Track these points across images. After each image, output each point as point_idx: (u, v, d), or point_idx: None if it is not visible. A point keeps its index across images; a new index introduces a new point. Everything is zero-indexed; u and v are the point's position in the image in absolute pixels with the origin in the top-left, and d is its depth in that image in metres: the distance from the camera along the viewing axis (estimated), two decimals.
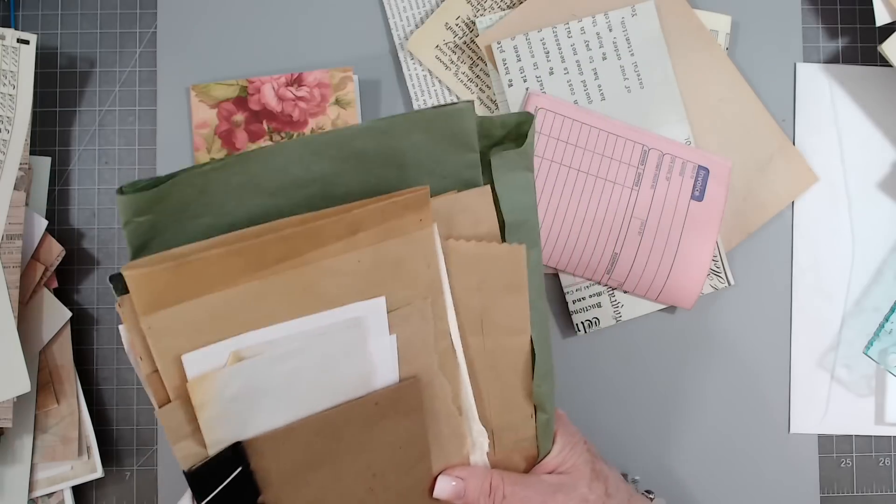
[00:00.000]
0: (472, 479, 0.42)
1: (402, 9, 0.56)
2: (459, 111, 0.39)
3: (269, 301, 0.36)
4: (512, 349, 0.41)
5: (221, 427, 0.37)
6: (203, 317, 0.35)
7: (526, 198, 0.41)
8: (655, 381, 0.56)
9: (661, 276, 0.52)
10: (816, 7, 0.57)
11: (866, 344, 0.53)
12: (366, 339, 0.38)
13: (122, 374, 0.55)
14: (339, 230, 0.36)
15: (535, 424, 0.43)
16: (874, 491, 0.56)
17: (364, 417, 0.39)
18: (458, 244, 0.39)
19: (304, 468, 0.39)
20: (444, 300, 0.40)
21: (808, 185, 0.55)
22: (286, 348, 0.37)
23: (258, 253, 0.35)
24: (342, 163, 0.38)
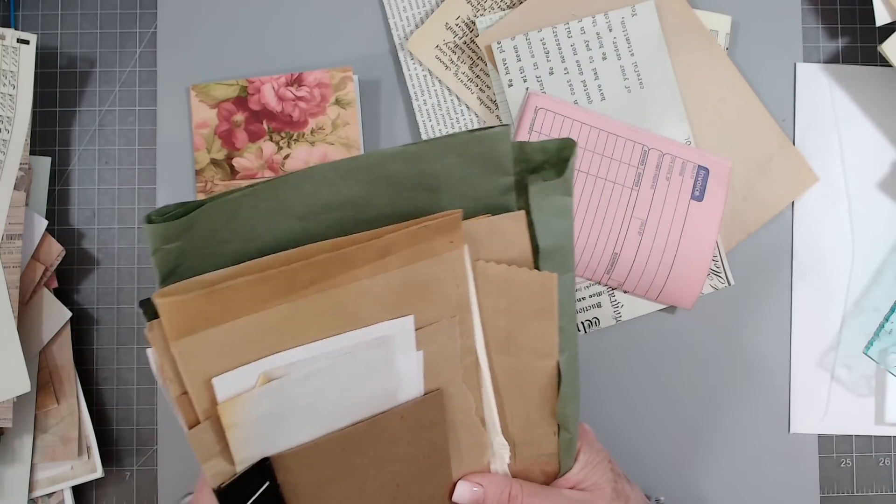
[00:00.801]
0: (491, 487, 0.42)
1: (402, 9, 0.56)
2: (495, 135, 0.38)
3: (298, 323, 0.36)
4: (538, 370, 0.41)
5: (250, 446, 0.37)
6: (233, 340, 0.35)
7: (562, 223, 0.40)
8: (655, 382, 0.56)
9: (661, 276, 0.52)
10: (816, 7, 0.57)
11: (866, 344, 0.53)
12: (393, 357, 0.39)
13: (122, 374, 0.55)
14: (369, 254, 0.36)
15: (558, 442, 0.43)
16: (874, 491, 0.56)
17: (388, 431, 0.40)
18: (488, 266, 0.39)
19: (329, 482, 0.39)
20: (472, 318, 0.40)
21: (808, 185, 0.55)
22: (314, 367, 0.37)
23: (288, 279, 0.35)
24: (373, 186, 0.38)
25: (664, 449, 0.56)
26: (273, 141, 0.55)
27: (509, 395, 0.42)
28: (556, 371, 0.41)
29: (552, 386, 0.41)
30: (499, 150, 0.38)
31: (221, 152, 0.55)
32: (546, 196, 0.39)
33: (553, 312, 0.40)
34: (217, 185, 0.55)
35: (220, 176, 0.55)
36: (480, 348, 0.41)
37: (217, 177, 0.55)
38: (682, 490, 0.55)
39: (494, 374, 0.41)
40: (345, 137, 0.54)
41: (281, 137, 0.54)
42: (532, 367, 0.41)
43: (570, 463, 0.43)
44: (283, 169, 0.54)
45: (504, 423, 0.42)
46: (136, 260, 0.55)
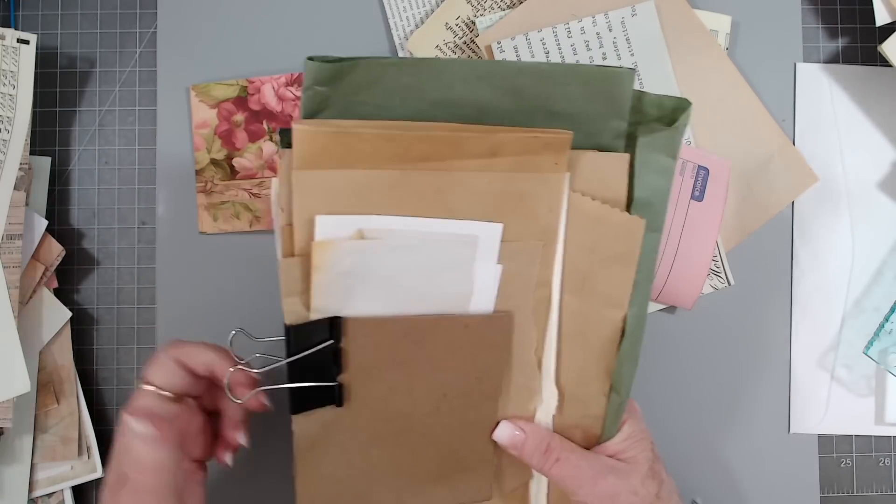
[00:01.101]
0: (532, 435, 0.42)
1: (402, 9, 0.56)
2: (620, 74, 0.40)
3: (403, 193, 0.38)
4: (605, 320, 0.41)
5: (327, 296, 0.39)
6: (344, 188, 0.38)
7: (661, 182, 0.41)
8: (655, 381, 0.56)
9: (661, 276, 0.52)
10: (816, 7, 0.57)
11: (866, 344, 0.53)
12: (474, 260, 0.40)
13: (122, 374, 0.55)
14: (480, 147, 0.38)
15: (607, 404, 0.42)
16: (874, 491, 0.56)
17: (451, 335, 0.41)
18: (583, 200, 0.40)
19: (383, 364, 0.41)
20: (556, 250, 0.41)
21: (808, 185, 0.55)
22: (404, 242, 0.39)
23: (406, 144, 0.37)
24: (501, 94, 0.39)
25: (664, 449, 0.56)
26: (273, 141, 0.55)
27: (571, 343, 0.42)
28: (622, 325, 0.41)
29: (614, 341, 0.42)
30: (620, 91, 0.40)
31: (221, 152, 0.55)
32: (651, 151, 0.41)
33: (633, 259, 0.41)
34: (217, 186, 0.55)
35: (220, 176, 0.55)
36: (556, 283, 0.41)
37: (217, 177, 0.55)
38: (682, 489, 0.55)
39: (562, 316, 0.42)
40: None
41: None
42: (600, 315, 0.41)
43: (614, 431, 0.43)
44: None
45: (558, 372, 0.42)
46: (136, 260, 0.55)
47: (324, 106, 0.39)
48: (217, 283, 0.55)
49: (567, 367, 0.42)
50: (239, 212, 0.55)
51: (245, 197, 0.55)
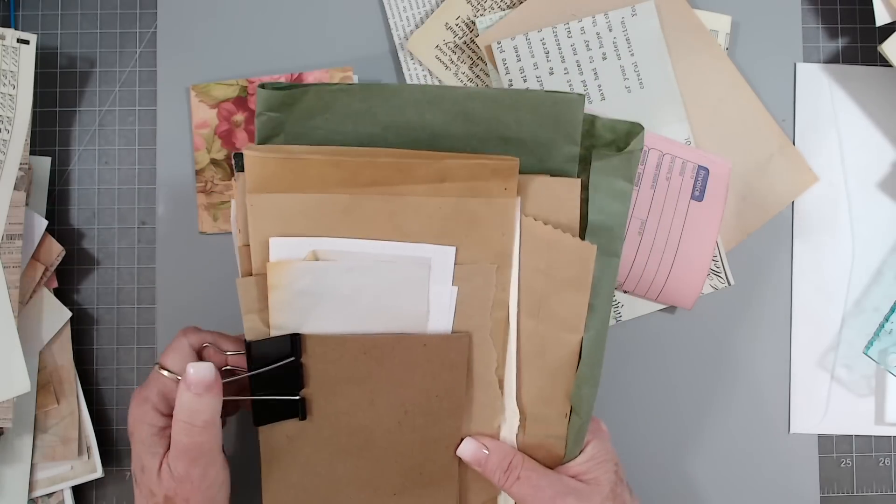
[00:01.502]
0: (496, 452, 0.42)
1: (402, 9, 0.56)
2: (569, 100, 0.41)
3: (355, 216, 0.40)
4: (562, 343, 0.42)
5: (285, 314, 0.41)
6: (296, 211, 0.39)
7: (618, 206, 0.41)
8: (655, 381, 0.56)
9: (661, 276, 0.52)
10: (816, 7, 0.57)
11: (866, 344, 0.53)
12: (429, 282, 0.41)
13: (122, 374, 0.55)
14: (428, 173, 0.39)
15: (568, 426, 0.43)
16: (874, 491, 0.56)
17: (410, 353, 0.41)
18: (535, 224, 0.41)
19: (344, 380, 0.42)
20: (511, 272, 0.41)
21: (808, 185, 0.55)
22: (358, 263, 0.40)
23: (353, 170, 0.39)
24: (452, 118, 0.41)
25: (664, 448, 0.56)
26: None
27: (529, 363, 0.43)
28: (578, 348, 0.42)
29: (572, 364, 0.42)
30: (570, 116, 0.41)
31: (221, 152, 0.55)
32: (606, 175, 0.41)
33: (586, 284, 0.41)
34: (217, 186, 0.55)
35: (221, 176, 0.55)
36: (513, 305, 0.42)
37: (217, 177, 0.55)
38: (681, 489, 0.55)
39: (520, 337, 0.42)
40: None
41: None
42: (557, 338, 0.42)
43: (577, 451, 0.43)
44: None
45: (519, 392, 0.43)
46: (136, 260, 0.55)
47: (278, 131, 0.41)
48: (217, 283, 0.55)
49: (527, 387, 0.43)
50: None
51: None
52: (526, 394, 0.43)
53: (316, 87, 0.40)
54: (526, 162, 0.40)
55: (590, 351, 0.42)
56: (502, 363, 0.42)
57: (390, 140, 0.41)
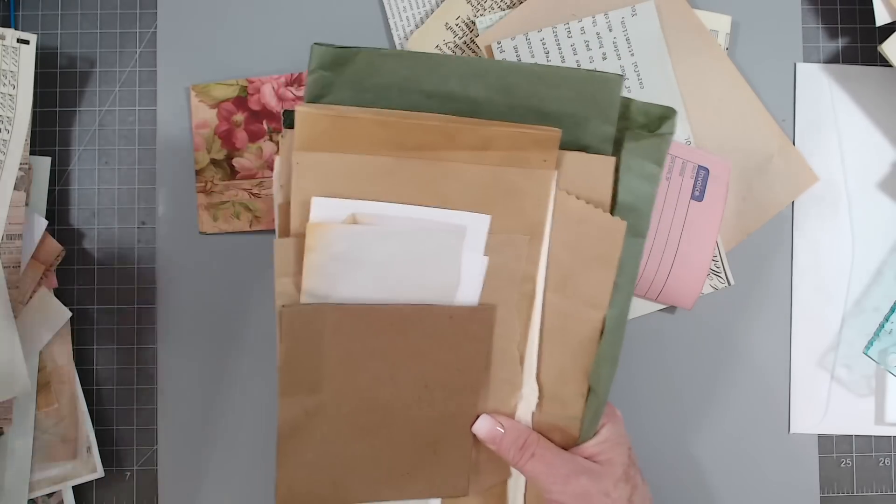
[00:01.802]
0: (511, 430, 0.42)
1: (402, 9, 0.56)
2: (609, 80, 0.41)
3: (397, 180, 0.40)
4: (585, 320, 0.42)
5: (318, 279, 0.40)
6: (341, 171, 0.39)
7: (646, 188, 0.42)
8: (655, 382, 0.56)
9: (661, 276, 0.52)
10: (816, 7, 0.57)
11: (866, 344, 0.53)
12: (462, 251, 0.41)
13: (122, 374, 0.55)
14: (472, 140, 0.40)
15: (585, 405, 0.43)
16: (874, 491, 0.56)
17: (435, 325, 0.42)
18: (568, 199, 0.41)
19: (367, 354, 0.42)
20: (541, 245, 0.42)
21: (808, 185, 0.55)
22: (395, 229, 0.40)
23: (401, 132, 0.39)
24: (494, 92, 0.41)
25: (664, 448, 0.56)
26: (273, 141, 0.55)
27: (551, 340, 0.43)
28: (601, 326, 0.42)
29: (593, 341, 0.42)
30: (609, 96, 0.41)
31: (221, 152, 0.55)
32: (637, 157, 0.42)
33: (613, 261, 0.42)
34: (217, 186, 0.55)
35: (221, 176, 0.55)
36: (540, 279, 0.42)
37: (217, 177, 0.55)
38: (682, 489, 0.55)
39: (544, 313, 0.42)
40: None
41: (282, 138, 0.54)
42: (580, 315, 0.42)
43: (591, 433, 0.43)
44: None
45: (539, 369, 0.43)
46: (136, 260, 0.55)
47: (327, 91, 0.41)
48: (217, 283, 0.55)
49: (547, 364, 0.43)
50: (239, 212, 0.55)
51: (245, 197, 0.55)
52: (545, 371, 0.43)
53: (367, 50, 0.41)
54: (563, 138, 0.41)
55: (612, 329, 0.42)
56: (525, 339, 0.43)
57: (434, 109, 0.41)
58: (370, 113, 0.40)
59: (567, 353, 0.43)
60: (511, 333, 0.42)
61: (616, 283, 0.42)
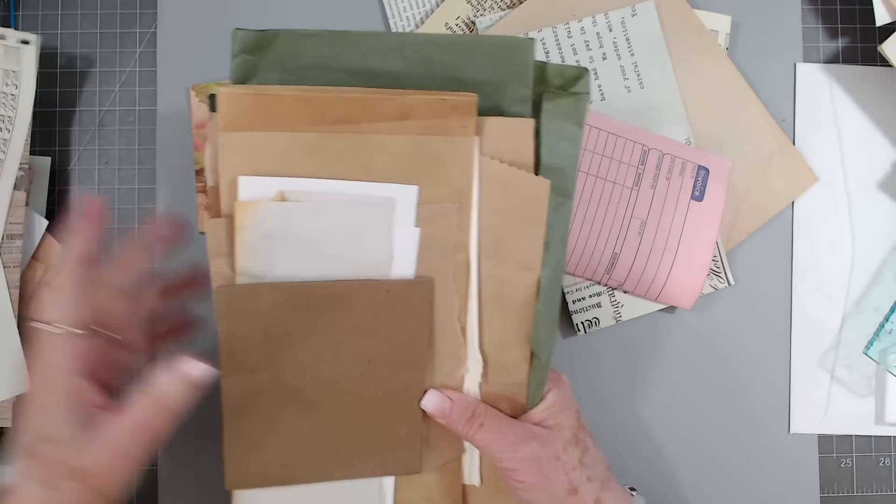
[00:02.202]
0: (459, 402, 0.42)
1: (402, 9, 0.56)
2: (521, 43, 0.42)
3: (323, 155, 0.40)
4: (520, 283, 0.42)
5: (252, 258, 0.40)
6: (265, 150, 0.40)
7: (569, 148, 0.42)
8: (655, 381, 0.56)
9: (661, 276, 0.52)
10: (816, 7, 0.57)
11: (866, 344, 0.53)
12: (393, 223, 0.41)
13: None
14: (391, 109, 0.40)
15: (529, 371, 0.43)
16: (874, 491, 0.56)
17: (372, 300, 0.41)
18: (492, 163, 0.42)
19: (308, 330, 0.41)
20: (470, 212, 0.42)
21: (808, 185, 0.55)
22: (325, 204, 0.41)
23: (322, 106, 0.40)
24: (412, 65, 0.42)
25: (664, 448, 0.56)
26: None
27: (490, 307, 0.43)
28: (536, 287, 0.42)
29: (530, 304, 0.42)
30: (523, 60, 0.42)
31: None
32: (556, 118, 0.42)
33: (541, 220, 0.42)
34: None
35: None
36: (473, 247, 0.42)
37: None
38: (681, 489, 0.55)
39: (481, 281, 0.43)
40: None
41: None
42: (515, 279, 0.42)
43: (538, 399, 0.43)
44: None
45: (481, 339, 0.43)
46: None
47: (252, 75, 0.41)
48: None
49: (489, 333, 0.43)
50: None
51: None
52: (488, 340, 0.43)
53: (286, 32, 0.41)
54: (482, 104, 0.41)
55: (547, 290, 0.42)
56: (464, 310, 0.43)
57: (356, 85, 0.42)
58: (291, 90, 0.40)
59: (507, 320, 0.43)
60: (450, 305, 0.42)
61: (547, 244, 0.42)
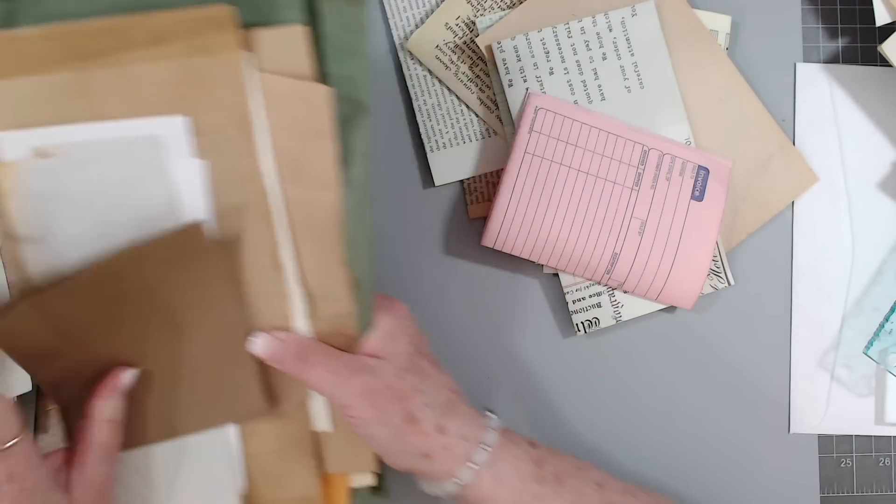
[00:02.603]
0: (289, 342, 0.41)
1: (402, 9, 0.56)
2: None
3: (81, 96, 0.37)
4: (324, 204, 0.40)
5: (32, 221, 0.38)
6: (20, 98, 0.36)
7: (355, 54, 0.39)
8: (655, 381, 0.56)
9: (661, 276, 0.52)
10: (816, 7, 0.57)
11: (866, 344, 0.53)
12: (166, 161, 0.38)
13: None
14: (142, 34, 0.37)
15: (354, 298, 0.41)
16: (874, 491, 0.56)
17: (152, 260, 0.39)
18: (270, 78, 0.38)
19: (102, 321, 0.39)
20: (258, 137, 0.38)
21: (808, 185, 0.55)
22: (89, 153, 0.37)
23: (69, 42, 0.36)
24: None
25: (664, 449, 0.56)
26: None
27: (303, 236, 0.40)
28: (339, 206, 0.40)
29: (339, 225, 0.40)
30: None
31: None
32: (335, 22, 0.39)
33: (328, 131, 0.39)
34: None
35: None
36: (268, 173, 0.39)
37: None
38: (681, 489, 0.55)
39: (288, 210, 0.40)
40: None
41: None
42: (318, 200, 0.40)
43: (368, 327, 0.42)
44: None
45: (301, 271, 0.41)
46: None
47: (10, 22, 0.38)
48: None
49: (307, 263, 0.41)
50: None
51: None
52: (308, 271, 0.41)
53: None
54: (252, 17, 0.38)
55: (353, 209, 0.40)
56: (277, 244, 0.40)
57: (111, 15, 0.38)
58: (33, 29, 0.36)
59: (322, 246, 0.40)
60: (260, 241, 0.40)
61: (346, 159, 0.39)
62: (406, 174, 0.56)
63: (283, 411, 0.43)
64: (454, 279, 0.55)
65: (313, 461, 0.44)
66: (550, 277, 0.55)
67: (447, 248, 0.56)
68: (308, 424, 0.43)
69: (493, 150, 0.55)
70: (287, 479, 0.44)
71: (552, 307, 0.55)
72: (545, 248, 0.52)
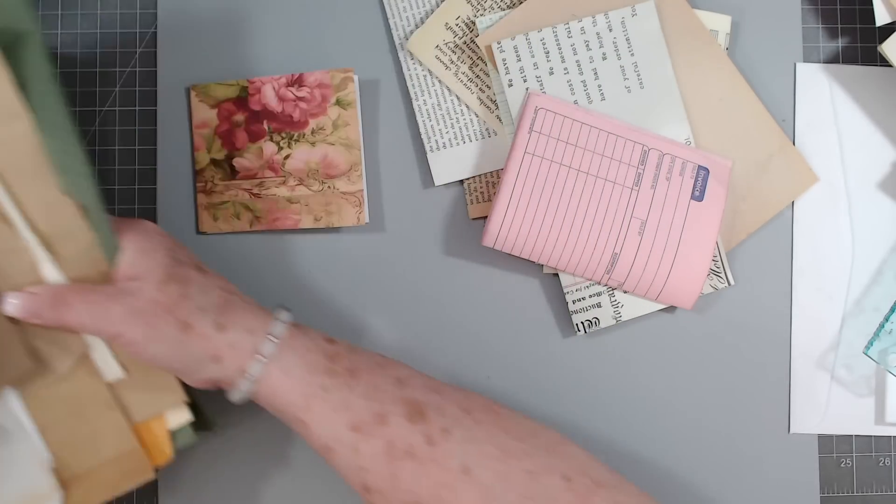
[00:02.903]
0: (41, 293, 0.39)
1: (402, 9, 0.56)
2: None
3: None
4: (19, 138, 0.37)
5: None
6: None
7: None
8: (655, 381, 0.56)
9: (661, 276, 0.52)
10: (816, 7, 0.57)
11: (866, 344, 0.53)
12: None
13: None
14: None
15: (89, 226, 0.40)
16: (874, 491, 0.56)
17: None
18: None
19: None
20: None
21: (808, 185, 0.55)
22: None
23: None
24: None
25: (663, 449, 0.56)
26: (273, 141, 0.55)
27: (15, 179, 0.38)
28: (33, 133, 0.38)
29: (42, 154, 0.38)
30: None
31: (221, 152, 0.55)
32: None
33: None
34: (217, 186, 0.55)
35: (221, 176, 0.55)
36: None
37: (217, 177, 0.55)
38: (681, 489, 0.55)
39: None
40: (345, 138, 0.54)
41: (281, 138, 0.54)
42: (11, 134, 0.37)
43: (114, 252, 0.40)
44: (283, 170, 0.54)
45: (27, 216, 0.39)
46: None
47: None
48: None
49: (30, 205, 0.38)
50: (239, 212, 0.55)
51: (245, 197, 0.55)
52: (31, 213, 0.38)
53: None
54: None
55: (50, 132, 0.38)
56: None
57: None
58: None
59: (36, 183, 0.38)
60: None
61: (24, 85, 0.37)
62: (406, 174, 0.56)
63: (63, 372, 0.40)
64: (454, 279, 0.55)
65: (119, 415, 0.41)
66: (550, 277, 0.55)
67: (447, 248, 0.56)
68: (98, 379, 0.41)
69: (493, 150, 0.55)
70: (94, 443, 0.41)
71: (552, 307, 0.55)
72: (545, 248, 0.52)
